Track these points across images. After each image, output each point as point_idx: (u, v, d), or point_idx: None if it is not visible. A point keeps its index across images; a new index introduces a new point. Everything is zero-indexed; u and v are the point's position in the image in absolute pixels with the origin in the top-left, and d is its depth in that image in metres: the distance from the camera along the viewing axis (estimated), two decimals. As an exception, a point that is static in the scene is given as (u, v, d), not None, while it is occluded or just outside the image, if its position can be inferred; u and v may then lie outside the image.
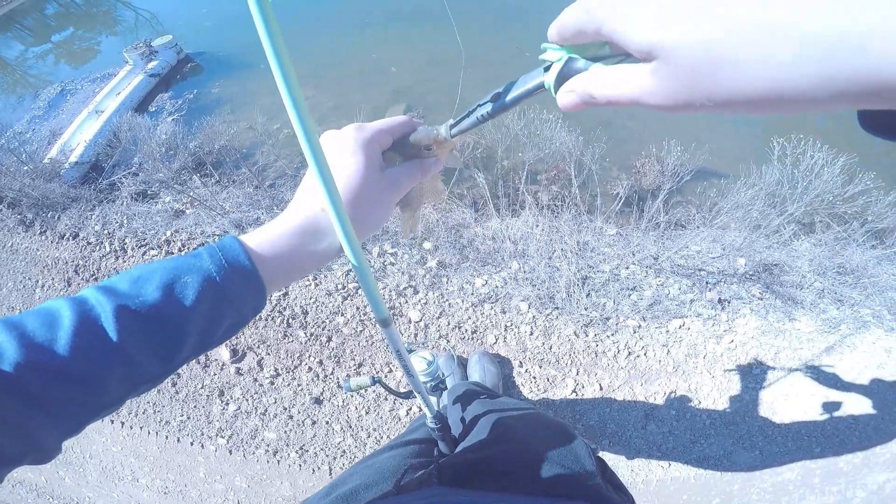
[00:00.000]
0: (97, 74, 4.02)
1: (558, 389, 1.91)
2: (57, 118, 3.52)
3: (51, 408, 0.36)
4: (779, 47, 0.20)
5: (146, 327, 0.39)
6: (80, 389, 0.37)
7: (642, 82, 0.26)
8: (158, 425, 1.96)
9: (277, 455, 1.87)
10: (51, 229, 2.46)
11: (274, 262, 0.45)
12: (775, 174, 2.16)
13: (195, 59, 3.99)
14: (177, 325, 0.40)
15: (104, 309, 0.38)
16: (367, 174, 0.46)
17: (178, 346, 0.41)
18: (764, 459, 1.83)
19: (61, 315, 0.37)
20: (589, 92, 0.31)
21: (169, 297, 0.40)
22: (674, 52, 0.23)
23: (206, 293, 0.41)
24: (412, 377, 0.72)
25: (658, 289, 2.03)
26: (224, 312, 0.43)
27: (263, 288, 0.44)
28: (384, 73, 3.41)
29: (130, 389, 0.41)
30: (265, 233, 0.46)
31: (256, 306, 0.46)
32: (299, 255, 0.46)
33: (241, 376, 1.97)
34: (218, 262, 0.42)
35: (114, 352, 0.38)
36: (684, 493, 1.82)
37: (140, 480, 1.94)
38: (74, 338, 0.36)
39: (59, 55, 4.80)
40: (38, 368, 0.35)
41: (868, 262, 2.07)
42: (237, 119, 3.14)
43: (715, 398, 1.90)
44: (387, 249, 2.13)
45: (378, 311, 0.55)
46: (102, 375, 0.38)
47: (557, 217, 2.18)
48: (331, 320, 2.00)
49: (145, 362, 0.40)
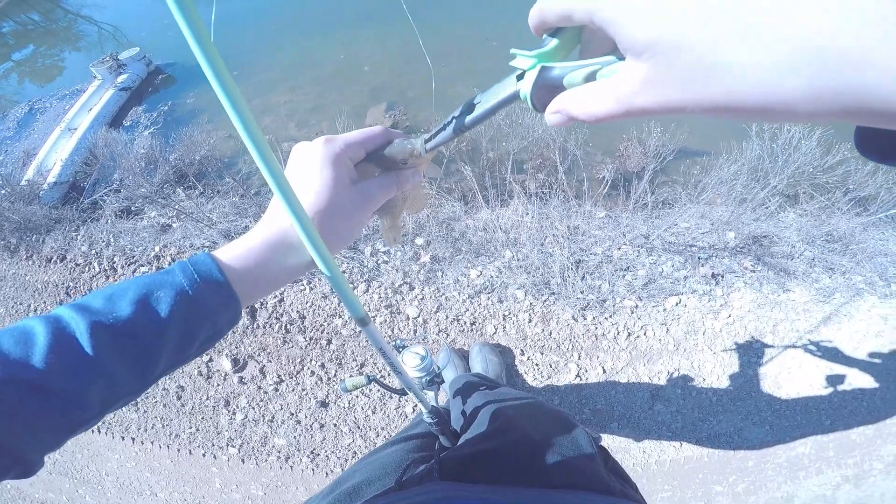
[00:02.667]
0: (65, 91, 4.00)
1: (562, 375, 1.97)
2: (29, 138, 3.50)
3: (31, 422, 0.37)
4: (777, 56, 0.20)
5: (121, 342, 0.40)
6: (59, 403, 0.38)
7: (628, 86, 0.26)
8: (169, 439, 2.00)
9: (290, 461, 1.93)
10: (37, 253, 2.48)
11: (246, 276, 0.46)
12: (755, 149, 2.26)
13: (166, 71, 3.98)
14: (151, 339, 0.41)
15: (78, 325, 0.39)
16: (336, 189, 0.47)
17: (154, 359, 0.42)
18: (775, 434, 1.89)
19: (35, 332, 0.38)
20: (571, 114, 0.31)
21: (142, 312, 0.41)
22: (671, 52, 0.23)
23: (179, 307, 0.43)
24: (399, 374, 0.73)
25: (651, 267, 2.11)
26: (199, 326, 0.44)
27: (237, 300, 0.46)
28: (360, 72, 3.46)
29: (110, 403, 0.42)
30: (237, 247, 0.47)
31: (231, 318, 0.47)
32: (271, 269, 0.47)
33: (245, 385, 2.02)
34: (190, 276, 0.44)
35: (91, 366, 0.39)
36: (699, 472, 1.89)
37: (158, 495, 1.99)
38: (49, 354, 0.37)
39: (23, 73, 4.76)
40: (16, 383, 0.36)
41: (854, 229, 2.16)
42: (216, 128, 3.16)
43: (718, 375, 1.96)
44: (379, 248, 2.19)
45: (354, 311, 0.55)
46: (81, 389, 0.38)
47: (546, 204, 2.25)
48: (329, 323, 2.05)
49: (122, 376, 0.41)
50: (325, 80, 3.48)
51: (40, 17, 5.67)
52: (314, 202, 0.46)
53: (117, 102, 3.58)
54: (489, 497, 0.61)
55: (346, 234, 0.49)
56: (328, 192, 0.47)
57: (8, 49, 5.28)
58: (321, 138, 0.49)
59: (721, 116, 0.24)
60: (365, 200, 0.49)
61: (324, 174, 0.47)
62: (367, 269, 2.11)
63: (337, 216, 0.47)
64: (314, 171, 0.47)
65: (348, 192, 0.48)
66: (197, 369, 2.04)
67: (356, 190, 0.49)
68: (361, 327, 0.58)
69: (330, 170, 0.47)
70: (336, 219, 0.47)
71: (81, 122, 3.31)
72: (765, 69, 0.21)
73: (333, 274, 0.47)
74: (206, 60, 0.30)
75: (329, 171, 0.47)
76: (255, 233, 0.48)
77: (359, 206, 0.49)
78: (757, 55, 0.21)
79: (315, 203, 0.46)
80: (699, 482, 1.88)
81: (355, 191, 0.48)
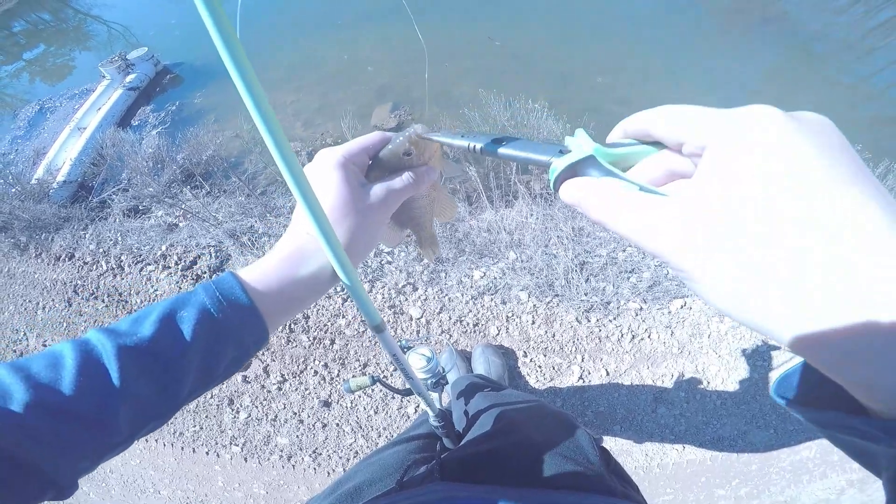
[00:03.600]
0: (75, 90, 4.08)
1: (565, 377, 1.99)
2: (39, 137, 3.58)
3: (62, 447, 0.37)
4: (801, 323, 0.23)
5: (145, 362, 0.41)
6: (88, 428, 0.38)
7: (675, 235, 0.27)
8: (173, 437, 2.04)
9: (292, 460, 1.96)
10: (46, 251, 2.54)
11: (269, 294, 0.46)
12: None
13: (174, 70, 4.04)
14: (175, 359, 0.42)
15: (105, 348, 0.40)
16: (345, 189, 0.48)
17: (179, 379, 0.42)
18: (779, 438, 1.89)
19: (64, 356, 0.39)
20: (584, 206, 0.32)
21: (166, 331, 0.42)
22: (728, 266, 0.25)
23: (202, 326, 0.43)
24: (411, 379, 0.74)
25: (657, 269, 2.12)
26: (223, 344, 0.44)
27: (261, 319, 0.46)
28: (365, 72, 3.50)
29: (139, 427, 0.42)
30: (258, 266, 0.48)
31: (258, 339, 0.47)
32: (291, 284, 0.47)
33: (249, 384, 2.05)
34: (213, 295, 0.44)
35: (117, 390, 0.39)
36: (702, 476, 1.89)
37: (161, 492, 2.02)
38: (79, 377, 0.38)
39: (34, 73, 4.85)
40: (47, 408, 0.37)
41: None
42: (222, 128, 3.21)
43: (723, 378, 1.96)
44: (383, 249, 2.22)
45: (371, 319, 0.55)
46: (109, 413, 0.39)
47: (551, 205, 2.27)
48: (332, 323, 2.08)
49: (148, 398, 0.41)
50: (330, 80, 3.52)
51: (51, 16, 5.77)
52: (326, 204, 0.47)
53: (126, 102, 3.65)
54: (490, 498, 0.62)
55: (362, 234, 0.49)
56: (338, 192, 0.47)
57: (19, 48, 5.39)
58: (322, 150, 0.50)
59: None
60: (380, 200, 0.49)
61: (332, 175, 0.48)
62: (370, 269, 2.14)
63: (350, 214, 0.48)
64: (323, 174, 0.48)
65: (360, 193, 0.49)
66: (202, 368, 2.07)
67: (366, 190, 0.49)
68: (377, 334, 0.58)
69: (339, 171, 0.48)
70: (350, 216, 0.48)
71: (90, 122, 3.38)
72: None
73: (352, 281, 0.47)
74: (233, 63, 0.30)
75: (338, 172, 0.48)
76: (273, 251, 0.49)
77: (375, 207, 0.49)
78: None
79: (327, 205, 0.47)
80: (702, 486, 1.88)
81: (365, 191, 0.49)
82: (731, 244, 0.24)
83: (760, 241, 0.24)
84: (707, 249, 0.25)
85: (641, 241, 0.28)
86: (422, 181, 0.52)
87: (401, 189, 0.50)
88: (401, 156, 0.49)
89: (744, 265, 0.24)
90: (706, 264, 0.26)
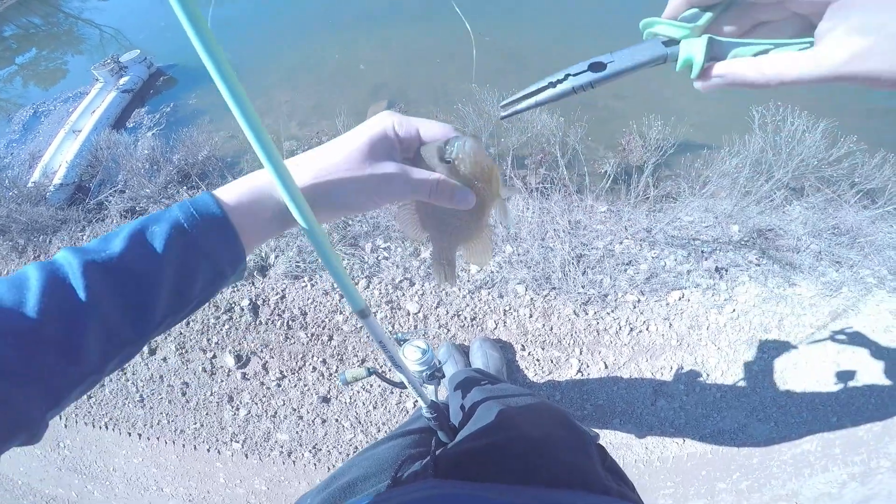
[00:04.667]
0: (69, 94, 4.09)
1: (563, 370, 2.01)
2: (34, 140, 3.60)
3: (30, 375, 0.36)
4: None
5: (114, 280, 0.39)
6: (55, 353, 0.37)
7: (837, 57, 0.33)
8: (174, 434, 2.07)
9: (292, 456, 1.99)
10: (44, 254, 2.56)
11: (243, 210, 0.45)
12: (758, 142, 2.29)
13: (167, 72, 4.06)
14: (146, 275, 0.40)
15: (72, 266, 0.38)
16: (362, 146, 0.46)
17: (152, 300, 0.41)
18: (780, 431, 1.91)
19: (29, 277, 0.38)
20: (741, 78, 0.37)
21: (136, 247, 0.40)
22: (891, 36, 0.31)
23: (174, 241, 0.41)
24: (399, 367, 0.73)
25: (654, 261, 2.15)
26: (198, 262, 0.43)
27: (236, 235, 0.44)
28: (360, 71, 3.53)
29: (110, 356, 0.41)
30: (235, 184, 0.46)
31: (234, 259, 0.45)
32: (264, 205, 0.46)
33: (248, 381, 2.08)
34: (186, 210, 0.42)
35: (84, 308, 0.38)
36: (702, 469, 1.91)
37: (164, 490, 2.05)
38: (43, 298, 0.37)
39: (27, 77, 4.87)
40: (11, 334, 0.35)
41: (862, 222, 2.18)
42: (217, 129, 3.23)
43: (723, 370, 1.99)
44: (379, 245, 2.24)
45: (354, 303, 0.54)
46: (77, 337, 0.38)
47: (548, 198, 2.30)
48: (330, 319, 2.11)
49: (118, 320, 0.40)
50: (325, 80, 3.55)
51: (41, 20, 5.79)
52: (342, 147, 0.46)
53: (120, 104, 3.67)
54: (483, 495, 0.61)
55: (341, 189, 0.46)
56: (355, 143, 0.46)
57: (11, 53, 5.40)
58: (384, 112, 0.48)
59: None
60: (383, 173, 0.46)
61: (364, 132, 0.46)
62: (367, 265, 2.17)
63: (348, 168, 0.46)
64: (362, 128, 0.47)
65: (367, 149, 0.46)
66: (201, 366, 2.10)
67: (382, 159, 0.46)
68: (361, 319, 0.57)
69: (371, 132, 0.46)
70: (346, 170, 0.46)
71: (85, 124, 3.40)
72: None
73: (309, 225, 0.44)
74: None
75: (370, 132, 0.46)
76: (254, 173, 0.47)
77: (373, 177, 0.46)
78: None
79: (342, 148, 0.46)
80: (702, 479, 1.91)
81: (380, 158, 0.46)
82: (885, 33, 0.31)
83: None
84: (870, 46, 0.32)
85: (816, 71, 0.34)
86: (444, 194, 0.47)
87: (415, 182, 0.47)
88: (438, 158, 0.46)
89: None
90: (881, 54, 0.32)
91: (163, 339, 2.14)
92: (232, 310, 2.14)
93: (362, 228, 2.29)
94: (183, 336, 2.14)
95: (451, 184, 0.46)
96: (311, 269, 2.18)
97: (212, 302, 2.14)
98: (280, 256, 2.21)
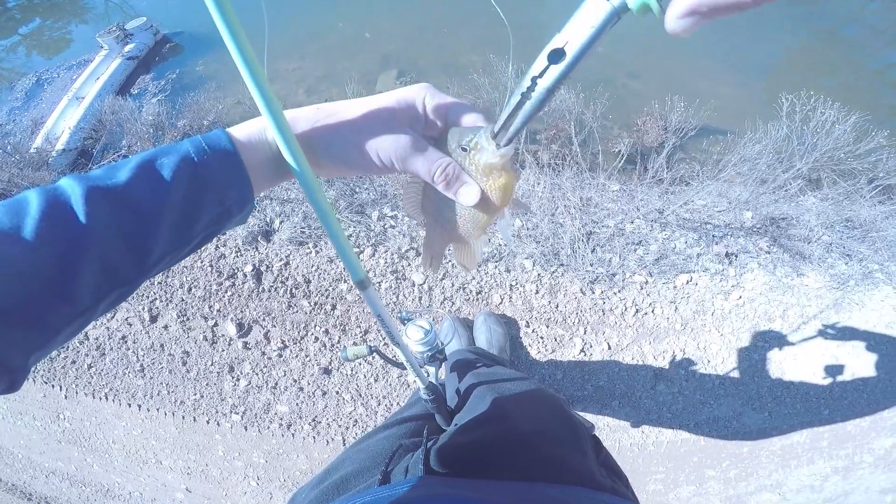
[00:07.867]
0: (73, 62, 4.11)
1: (566, 349, 2.03)
2: (37, 108, 3.63)
3: (18, 312, 0.35)
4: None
5: (117, 208, 0.39)
6: (48, 287, 0.36)
7: None
8: (174, 406, 2.10)
9: (291, 428, 2.02)
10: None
11: (254, 147, 0.45)
12: (783, 130, 2.28)
13: (173, 39, 4.07)
14: (150, 203, 0.40)
15: (74, 191, 0.38)
16: (380, 98, 0.46)
17: (152, 234, 0.40)
18: (773, 421, 1.95)
19: (30, 201, 0.37)
20: (718, 3, 0.26)
21: (143, 176, 0.40)
22: None
23: (182, 171, 0.41)
24: (397, 344, 0.72)
25: (664, 243, 2.15)
26: (203, 196, 0.43)
27: (244, 172, 0.44)
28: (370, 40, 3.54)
29: (103, 294, 0.40)
30: (247, 123, 0.47)
31: (241, 198, 0.46)
32: (273, 145, 0.46)
33: (249, 350, 2.11)
34: (197, 144, 0.43)
35: (83, 234, 0.37)
36: (694, 456, 1.95)
37: (163, 462, 2.10)
38: (41, 222, 0.36)
39: (31, 46, 4.89)
40: (3, 263, 0.34)
41: (876, 217, 2.18)
42: (224, 95, 3.24)
43: (724, 357, 2.01)
44: (386, 213, 2.25)
45: (354, 273, 0.53)
46: (72, 266, 0.37)
47: (559, 175, 2.31)
48: (334, 288, 2.13)
49: (117, 255, 0.39)
50: (335, 48, 3.55)
51: (44, -10, 5.80)
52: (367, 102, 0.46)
53: (125, 71, 3.69)
54: (475, 492, 0.61)
55: (340, 141, 0.46)
56: (367, 99, 0.46)
57: (15, 23, 5.42)
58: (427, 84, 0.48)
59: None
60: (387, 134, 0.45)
61: (390, 96, 0.47)
62: (373, 233, 2.18)
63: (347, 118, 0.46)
64: (394, 92, 0.47)
65: (381, 112, 0.46)
66: (202, 334, 2.13)
67: (393, 121, 0.46)
68: (360, 290, 0.56)
69: (395, 92, 0.46)
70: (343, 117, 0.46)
71: (89, 91, 3.42)
72: None
73: (301, 167, 0.44)
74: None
75: (394, 91, 0.46)
76: None
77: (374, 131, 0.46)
78: None
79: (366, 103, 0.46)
80: (693, 465, 1.95)
81: (391, 119, 0.46)
82: None
83: None
84: None
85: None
86: (445, 180, 0.46)
87: (419, 156, 0.46)
88: (456, 143, 0.45)
89: None
90: None
91: (164, 306, 2.18)
92: (235, 276, 2.16)
93: (369, 196, 2.30)
94: (184, 303, 2.17)
95: (457, 172, 0.45)
96: (316, 234, 2.19)
97: (214, 267, 2.17)
98: (285, 222, 2.23)
